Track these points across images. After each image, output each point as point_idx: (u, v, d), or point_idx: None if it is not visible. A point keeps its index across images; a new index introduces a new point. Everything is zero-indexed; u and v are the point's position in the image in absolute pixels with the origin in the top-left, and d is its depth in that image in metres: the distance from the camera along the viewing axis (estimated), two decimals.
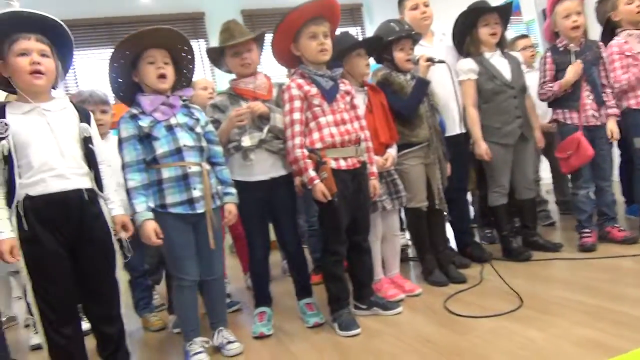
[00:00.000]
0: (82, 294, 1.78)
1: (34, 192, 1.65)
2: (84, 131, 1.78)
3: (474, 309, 2.08)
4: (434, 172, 2.51)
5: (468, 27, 2.73)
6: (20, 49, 1.66)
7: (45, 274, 1.68)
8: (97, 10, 5.37)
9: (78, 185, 1.71)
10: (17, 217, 1.64)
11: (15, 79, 1.70)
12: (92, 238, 1.75)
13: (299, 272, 2.36)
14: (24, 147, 1.65)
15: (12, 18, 1.67)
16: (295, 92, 2.06)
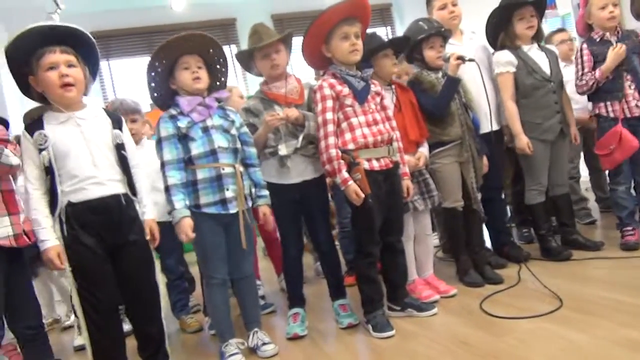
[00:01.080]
0: (124, 296, 1.84)
1: (75, 199, 1.71)
2: (117, 138, 1.84)
3: (512, 310, 2.03)
4: (468, 170, 2.46)
5: (502, 23, 2.67)
6: (48, 63, 1.71)
7: (89, 276, 1.74)
8: (133, 20, 5.54)
9: (115, 190, 1.78)
10: (59, 224, 1.71)
11: (48, 92, 1.76)
12: (131, 241, 1.80)
13: (332, 273, 2.36)
14: (63, 156, 1.72)
15: (35, 33, 1.71)
16: (327, 91, 2.06)
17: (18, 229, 1.80)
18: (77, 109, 1.80)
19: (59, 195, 1.71)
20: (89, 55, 1.84)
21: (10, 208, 1.80)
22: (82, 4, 5.00)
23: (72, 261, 1.72)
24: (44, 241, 1.69)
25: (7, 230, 1.76)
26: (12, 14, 4.81)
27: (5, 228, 1.76)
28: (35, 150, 1.72)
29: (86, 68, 1.83)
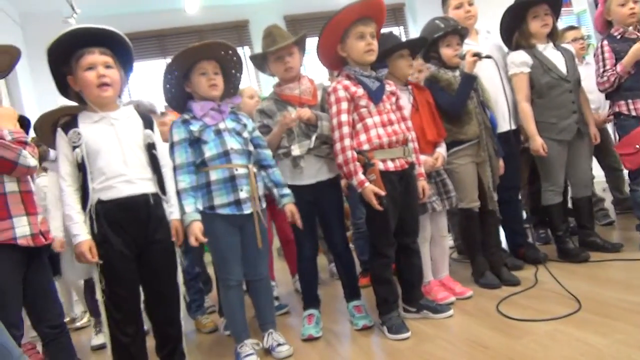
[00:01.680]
0: (146, 295, 1.86)
1: (105, 197, 1.74)
2: (148, 137, 1.88)
3: (529, 312, 2.00)
4: (485, 170, 2.44)
5: (516, 21, 2.64)
6: (87, 63, 1.77)
7: (114, 275, 1.76)
8: (147, 23, 5.58)
9: (144, 190, 1.80)
10: (90, 221, 1.74)
11: (85, 92, 1.81)
12: (157, 240, 1.83)
13: (347, 274, 2.35)
14: (95, 154, 1.76)
15: (76, 35, 1.76)
16: (341, 93, 2.06)
17: (35, 229, 1.82)
18: (111, 109, 1.85)
19: (90, 192, 1.74)
20: (124, 57, 1.88)
21: (29, 208, 1.82)
22: (97, 7, 5.05)
23: (99, 258, 1.74)
24: (77, 235, 1.72)
25: (25, 230, 1.78)
26: (30, 19, 4.90)
27: (24, 227, 1.78)
28: (69, 147, 1.77)
29: (121, 70, 1.87)
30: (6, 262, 1.73)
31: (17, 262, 1.77)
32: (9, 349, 1.36)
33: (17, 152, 1.72)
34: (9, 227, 1.74)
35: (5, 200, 1.75)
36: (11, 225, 1.75)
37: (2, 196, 1.75)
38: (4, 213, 1.74)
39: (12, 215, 1.76)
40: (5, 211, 1.75)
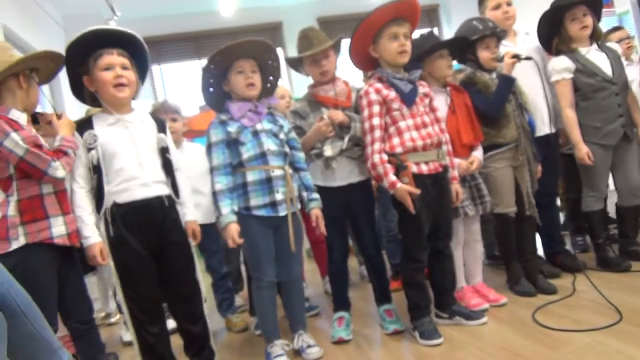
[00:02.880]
0: (166, 294, 1.89)
1: (120, 200, 1.77)
2: (161, 141, 1.90)
3: (567, 322, 1.94)
4: (523, 175, 2.38)
5: (554, 27, 2.56)
6: (105, 63, 1.80)
7: (133, 276, 1.79)
8: (183, 25, 5.69)
9: (158, 192, 1.83)
10: (105, 224, 1.77)
11: (101, 92, 1.83)
12: (173, 241, 1.85)
13: (377, 277, 2.33)
14: (111, 157, 1.79)
15: (96, 36, 1.80)
16: (373, 97, 2.04)
17: (70, 228, 1.87)
18: (126, 111, 1.88)
19: (105, 194, 1.77)
20: (140, 60, 1.92)
21: (64, 208, 1.87)
22: (136, 10, 5.19)
23: (117, 261, 1.78)
24: (87, 238, 1.76)
25: (61, 229, 1.83)
26: (72, 21, 5.06)
27: (60, 227, 1.83)
28: (84, 149, 1.81)
29: (137, 73, 1.90)
30: (44, 260, 1.78)
31: (53, 260, 1.82)
32: (50, 341, 1.41)
33: (48, 163, 1.76)
34: (46, 227, 1.79)
35: (42, 201, 1.81)
36: (48, 225, 1.80)
37: (39, 197, 1.81)
38: (41, 213, 1.80)
39: (49, 215, 1.81)
40: (42, 211, 1.80)
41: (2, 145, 1.72)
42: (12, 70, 1.81)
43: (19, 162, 1.74)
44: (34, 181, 1.80)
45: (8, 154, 1.72)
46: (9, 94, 1.84)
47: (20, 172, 1.78)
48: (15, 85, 1.84)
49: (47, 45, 2.20)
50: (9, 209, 1.77)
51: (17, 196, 1.78)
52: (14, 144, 1.72)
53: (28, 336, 1.35)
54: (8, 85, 1.83)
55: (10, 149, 1.71)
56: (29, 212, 1.78)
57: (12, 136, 1.72)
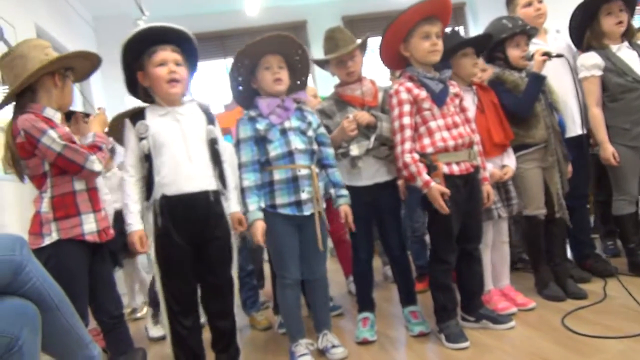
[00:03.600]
0: (202, 289, 1.91)
1: (168, 192, 1.80)
2: (211, 133, 1.92)
3: (598, 328, 1.89)
4: (553, 176, 2.33)
5: (588, 19, 2.51)
6: (159, 59, 1.83)
7: (173, 268, 1.82)
8: (209, 25, 5.73)
9: (205, 186, 1.85)
10: (153, 214, 1.80)
11: (155, 87, 1.87)
12: (215, 236, 1.87)
13: (403, 278, 2.32)
14: (160, 147, 1.82)
15: (152, 33, 1.84)
16: (404, 96, 2.02)
17: (100, 225, 1.91)
18: (177, 105, 1.91)
19: (155, 185, 1.81)
20: (190, 56, 1.95)
21: (95, 205, 1.91)
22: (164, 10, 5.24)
23: (160, 251, 1.81)
24: (130, 225, 1.79)
25: (92, 226, 1.87)
26: (102, 21, 5.16)
27: (91, 224, 1.87)
28: (135, 139, 1.84)
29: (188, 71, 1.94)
30: (75, 255, 1.82)
31: (84, 255, 1.86)
32: (82, 336, 1.44)
33: (85, 157, 1.80)
34: (78, 224, 1.83)
35: (74, 198, 1.85)
36: (80, 222, 1.84)
37: (71, 194, 1.85)
38: (73, 210, 1.84)
39: (80, 212, 1.85)
40: (74, 208, 1.84)
41: (40, 143, 1.76)
42: (48, 69, 1.84)
43: (56, 159, 1.78)
44: (67, 178, 1.84)
45: (46, 151, 1.76)
46: (44, 92, 1.88)
47: (56, 168, 1.82)
48: (50, 84, 1.88)
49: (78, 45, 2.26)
50: (43, 205, 1.81)
51: (50, 193, 1.83)
52: (52, 140, 1.76)
53: (61, 330, 1.38)
54: (43, 84, 1.87)
55: (48, 145, 1.75)
56: (61, 209, 1.82)
57: (49, 133, 1.76)
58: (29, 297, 1.29)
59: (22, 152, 1.81)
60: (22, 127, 1.76)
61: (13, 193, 2.81)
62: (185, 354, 1.86)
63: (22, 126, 1.76)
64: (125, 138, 1.89)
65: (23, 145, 1.79)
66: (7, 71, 1.86)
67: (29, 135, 1.76)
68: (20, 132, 1.77)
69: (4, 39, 3.14)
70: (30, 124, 1.76)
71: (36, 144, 1.76)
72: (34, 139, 1.75)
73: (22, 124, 1.77)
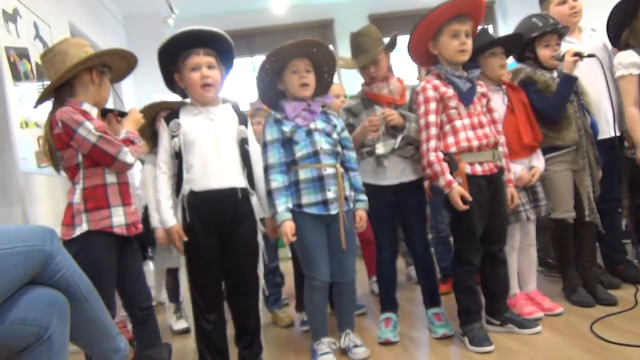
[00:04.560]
0: (227, 286, 1.93)
1: (196, 188, 1.83)
2: (242, 133, 1.96)
3: (628, 336, 1.83)
4: (583, 179, 2.28)
5: (627, 17, 2.44)
6: (192, 64, 1.87)
7: (199, 263, 1.85)
8: (236, 23, 5.79)
9: (233, 184, 1.88)
10: (182, 209, 1.84)
11: (189, 91, 1.93)
12: (241, 234, 1.89)
13: (427, 280, 2.29)
14: (191, 145, 1.86)
15: (187, 37, 1.87)
16: (431, 93, 2.00)
17: (130, 219, 1.94)
18: (211, 105, 1.95)
19: (184, 181, 1.85)
20: (225, 54, 1.98)
21: (125, 199, 1.95)
22: (193, 8, 5.32)
23: (187, 246, 1.84)
24: (165, 221, 1.84)
25: (121, 219, 1.90)
26: (132, 19, 5.26)
27: (120, 218, 1.90)
28: (168, 137, 1.89)
29: (222, 67, 1.97)
30: (104, 247, 1.86)
31: (113, 247, 1.89)
32: (109, 327, 1.46)
33: (118, 149, 1.84)
34: (107, 216, 1.87)
35: (105, 191, 1.89)
36: (109, 215, 1.87)
37: (102, 187, 1.89)
38: (103, 202, 1.87)
39: (110, 205, 1.89)
40: (104, 200, 1.88)
41: (76, 133, 1.80)
42: (86, 65, 1.89)
43: (91, 149, 1.82)
44: (99, 170, 1.88)
45: (82, 141, 1.81)
46: (81, 88, 1.93)
47: (88, 160, 1.86)
48: (88, 80, 1.93)
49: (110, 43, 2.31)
50: (75, 197, 1.86)
51: (82, 184, 1.87)
52: (88, 131, 1.80)
53: (89, 321, 1.41)
54: (81, 80, 1.92)
55: (84, 136, 1.80)
56: (92, 200, 1.86)
57: (85, 124, 1.81)
58: (58, 288, 1.32)
59: (58, 143, 1.86)
60: (60, 118, 1.81)
61: (46, 187, 2.89)
62: (208, 349, 1.88)
63: (60, 117, 1.81)
64: (159, 136, 1.94)
65: (60, 136, 1.84)
66: (49, 67, 1.92)
67: (66, 126, 1.80)
68: (58, 123, 1.82)
69: (40, 37, 3.24)
70: (68, 115, 1.81)
71: (72, 135, 1.81)
72: (71, 130, 1.80)
73: (60, 115, 1.82)
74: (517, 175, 2.19)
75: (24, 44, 2.99)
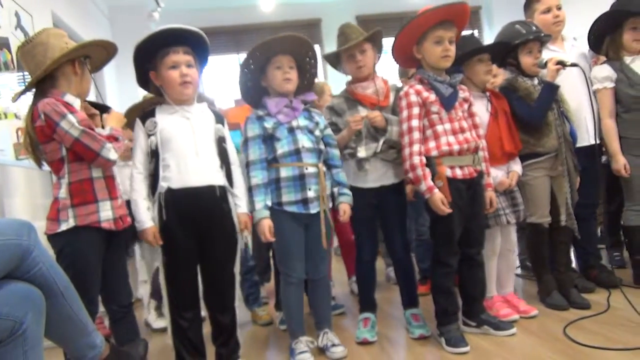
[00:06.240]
0: (204, 283, 1.92)
1: (174, 186, 1.82)
2: (219, 131, 1.95)
3: (600, 339, 1.88)
4: (561, 185, 2.32)
5: (611, 27, 2.50)
6: (171, 62, 1.85)
7: (176, 261, 1.84)
8: (223, 19, 5.76)
9: (212, 182, 1.87)
10: (158, 207, 1.82)
11: (167, 89, 1.90)
12: (220, 232, 1.88)
13: (406, 281, 2.31)
14: (168, 143, 1.85)
15: (167, 34, 1.85)
16: (413, 98, 2.02)
17: (117, 213, 1.91)
18: (187, 104, 1.94)
19: (160, 179, 1.83)
20: (201, 54, 1.97)
21: (112, 193, 1.92)
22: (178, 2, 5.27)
23: (164, 245, 1.83)
24: (141, 222, 1.82)
25: (109, 214, 1.87)
26: (117, 12, 5.19)
27: (107, 212, 1.87)
28: (144, 136, 1.87)
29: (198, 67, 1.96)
30: (91, 243, 1.82)
31: (100, 243, 1.86)
32: (85, 324, 1.45)
33: (102, 145, 1.81)
34: (95, 211, 1.83)
35: (92, 185, 1.86)
36: (96, 209, 1.84)
37: (89, 181, 1.85)
38: (90, 197, 1.84)
39: (97, 199, 1.85)
40: (91, 195, 1.84)
41: (58, 126, 1.76)
42: (70, 56, 1.86)
43: (73, 144, 1.78)
44: (85, 165, 1.84)
45: (64, 135, 1.77)
46: (64, 79, 1.89)
47: (73, 154, 1.82)
48: (70, 71, 1.89)
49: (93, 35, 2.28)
50: (61, 192, 1.82)
51: (68, 179, 1.83)
52: (70, 125, 1.76)
53: (65, 317, 1.39)
54: (64, 71, 1.88)
55: (67, 130, 1.76)
56: (79, 195, 1.82)
57: (68, 117, 1.76)
58: (34, 282, 1.30)
59: (40, 136, 1.81)
60: (43, 109, 1.76)
61: (23, 179, 2.84)
62: (185, 346, 1.88)
63: (42, 109, 1.77)
64: (134, 136, 1.92)
65: (42, 129, 1.79)
66: (29, 59, 1.87)
67: (49, 119, 1.76)
68: (41, 115, 1.77)
69: (21, 27, 3.18)
70: (50, 107, 1.76)
71: (55, 128, 1.77)
72: (53, 122, 1.76)
73: (42, 107, 1.77)
74: (498, 180, 2.23)
75: (5, 34, 2.94)
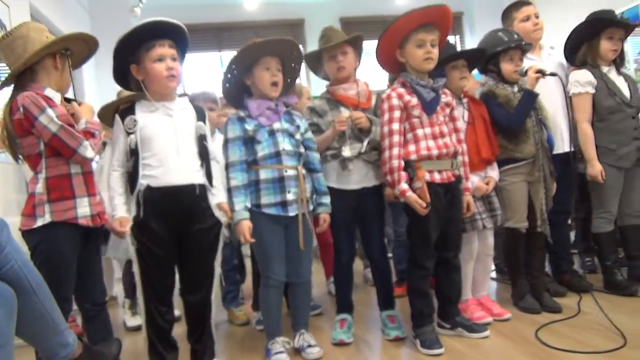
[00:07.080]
0: (181, 279, 1.91)
1: (154, 184, 1.80)
2: (200, 129, 1.92)
3: (570, 342, 1.93)
4: (538, 191, 2.37)
5: (589, 35, 2.56)
6: (157, 54, 1.83)
7: (152, 258, 1.81)
8: (205, 16, 5.70)
9: (192, 180, 1.84)
10: (136, 205, 1.80)
11: (151, 82, 1.86)
12: (199, 229, 1.86)
13: (382, 283, 2.33)
14: (149, 141, 1.82)
15: (153, 27, 1.82)
16: (395, 102, 2.03)
17: (94, 209, 1.89)
18: (169, 100, 1.91)
19: (140, 177, 1.80)
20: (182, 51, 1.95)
21: (90, 189, 1.89)
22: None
23: (141, 242, 1.80)
24: (115, 212, 1.81)
25: (86, 210, 1.85)
26: (97, 6, 5.11)
27: (85, 208, 1.85)
28: (123, 134, 1.84)
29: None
30: (67, 239, 1.80)
31: (76, 239, 1.83)
32: (57, 322, 1.43)
33: (79, 142, 1.78)
34: (72, 207, 1.81)
35: (70, 181, 1.83)
36: (74, 205, 1.81)
37: (67, 177, 1.82)
38: (68, 193, 1.81)
39: (75, 195, 1.83)
40: (69, 191, 1.82)
41: (37, 120, 1.73)
42: (51, 49, 1.83)
43: (51, 139, 1.75)
44: (63, 160, 1.81)
45: (42, 129, 1.74)
46: (44, 73, 1.86)
47: (50, 149, 1.79)
48: (51, 65, 1.86)
49: (73, 29, 2.22)
50: (38, 187, 1.78)
51: (45, 174, 1.80)
52: (49, 120, 1.73)
53: (37, 315, 1.37)
54: (44, 65, 1.85)
55: (45, 124, 1.73)
56: (56, 191, 1.79)
57: (48, 112, 1.73)
58: (6, 280, 1.28)
59: (18, 130, 1.78)
60: (22, 102, 1.73)
61: None
62: (159, 339, 1.86)
63: (21, 102, 1.73)
64: (113, 133, 1.90)
65: (20, 122, 1.76)
66: (8, 52, 1.84)
67: (28, 112, 1.73)
68: (19, 108, 1.73)
69: None
70: (30, 100, 1.73)
71: (33, 122, 1.73)
72: (32, 116, 1.73)
73: (22, 100, 1.74)
74: (475, 186, 2.27)
75: None
